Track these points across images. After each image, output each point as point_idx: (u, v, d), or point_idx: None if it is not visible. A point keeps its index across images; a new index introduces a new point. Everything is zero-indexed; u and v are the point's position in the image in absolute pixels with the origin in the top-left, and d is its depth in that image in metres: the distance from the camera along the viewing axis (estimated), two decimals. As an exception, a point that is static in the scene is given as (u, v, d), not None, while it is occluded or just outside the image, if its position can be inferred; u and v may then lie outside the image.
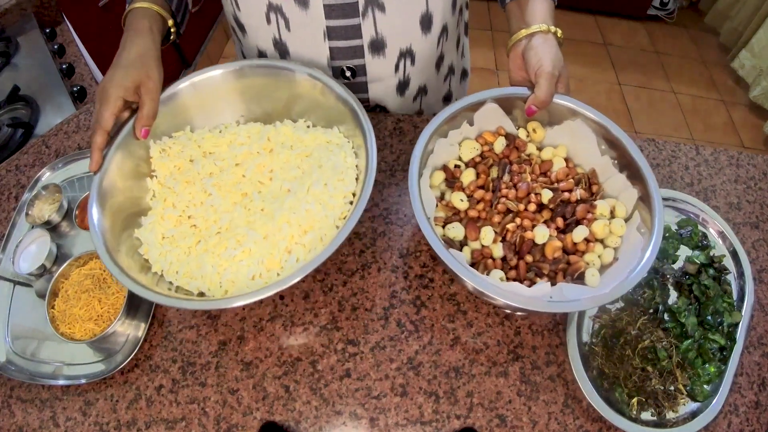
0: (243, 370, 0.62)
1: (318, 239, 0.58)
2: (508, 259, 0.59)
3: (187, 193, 0.63)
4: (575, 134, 0.65)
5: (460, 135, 0.67)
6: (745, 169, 0.81)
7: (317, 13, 0.67)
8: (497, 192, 0.62)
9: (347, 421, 0.59)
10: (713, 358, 0.60)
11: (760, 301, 0.68)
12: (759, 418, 0.60)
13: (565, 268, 0.58)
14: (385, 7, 0.68)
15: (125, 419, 0.59)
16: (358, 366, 0.62)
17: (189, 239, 0.60)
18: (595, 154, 0.64)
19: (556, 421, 0.59)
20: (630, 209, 0.61)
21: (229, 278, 0.57)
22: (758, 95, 2.20)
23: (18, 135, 0.94)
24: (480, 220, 0.62)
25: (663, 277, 0.66)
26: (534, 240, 0.59)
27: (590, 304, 0.53)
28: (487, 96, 0.65)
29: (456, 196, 0.62)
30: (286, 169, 0.65)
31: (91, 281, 0.66)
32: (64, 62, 1.05)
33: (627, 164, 0.62)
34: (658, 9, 2.56)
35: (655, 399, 0.58)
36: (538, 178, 0.64)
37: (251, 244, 0.57)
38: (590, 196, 0.63)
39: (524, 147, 0.67)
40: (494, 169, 0.65)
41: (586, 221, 0.60)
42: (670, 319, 0.64)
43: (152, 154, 0.65)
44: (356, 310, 0.65)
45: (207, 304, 0.54)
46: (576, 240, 0.59)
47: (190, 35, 2.10)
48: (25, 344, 0.64)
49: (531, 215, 0.61)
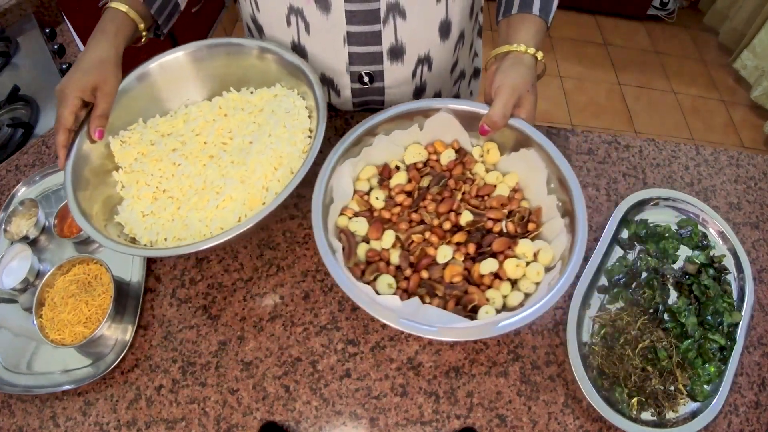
0: (243, 370, 0.62)
1: (289, 172, 0.63)
2: (403, 268, 0.57)
3: (156, 170, 0.66)
4: (528, 165, 0.63)
5: (408, 137, 0.66)
6: (745, 169, 0.81)
7: (338, 18, 0.67)
8: (419, 201, 0.62)
9: (347, 421, 0.59)
10: (713, 358, 0.60)
11: (760, 301, 0.68)
12: (759, 418, 0.60)
13: (460, 296, 0.56)
14: (406, 14, 0.67)
15: (125, 419, 0.59)
16: (358, 366, 0.62)
17: (169, 208, 0.63)
18: (542, 191, 0.61)
19: (556, 421, 0.59)
20: (557, 258, 0.56)
21: (217, 225, 0.60)
22: (759, 95, 2.20)
23: (18, 135, 0.94)
24: (391, 223, 0.61)
25: (663, 277, 0.66)
26: (435, 258, 0.57)
27: (437, 334, 0.50)
28: (441, 105, 0.64)
29: (374, 193, 0.62)
30: (243, 126, 0.69)
31: (76, 286, 0.65)
32: (64, 62, 1.05)
33: (569, 211, 0.57)
34: (658, 9, 2.56)
35: (655, 399, 0.58)
36: (471, 199, 0.62)
37: (230, 191, 0.61)
38: (522, 233, 0.60)
39: (471, 165, 0.65)
40: (427, 178, 0.64)
41: (503, 256, 0.58)
42: (670, 319, 0.64)
43: (113, 148, 0.67)
44: (356, 310, 0.65)
45: (202, 244, 0.55)
46: (482, 272, 0.56)
47: (190, 35, 2.10)
48: (18, 359, 0.64)
49: (441, 232, 0.59)
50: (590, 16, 2.62)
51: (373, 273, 0.57)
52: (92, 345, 0.63)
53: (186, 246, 0.55)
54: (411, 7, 0.67)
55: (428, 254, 0.58)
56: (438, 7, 0.69)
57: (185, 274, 0.69)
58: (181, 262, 0.70)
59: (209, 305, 0.66)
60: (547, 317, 0.65)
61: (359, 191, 0.64)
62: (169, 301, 0.67)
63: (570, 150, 0.81)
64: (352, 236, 0.60)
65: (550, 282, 0.54)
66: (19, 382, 0.61)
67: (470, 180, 0.64)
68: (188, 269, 0.69)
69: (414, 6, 0.67)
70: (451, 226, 0.60)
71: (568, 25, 2.55)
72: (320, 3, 0.66)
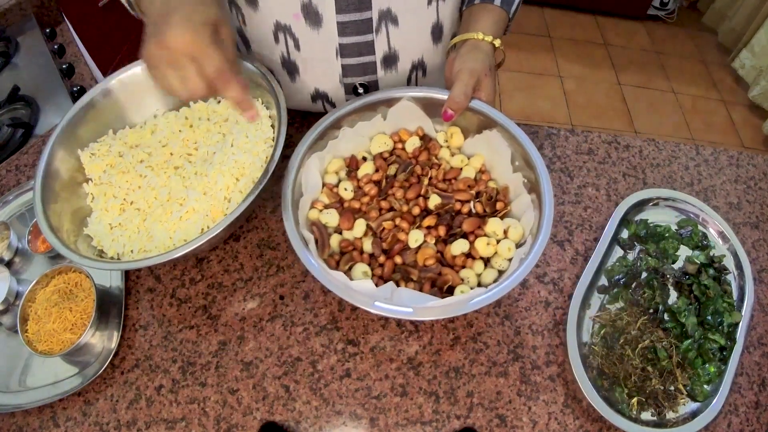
0: (243, 370, 0.62)
1: (250, 182, 0.63)
2: (376, 255, 0.58)
3: (124, 182, 0.66)
4: (492, 146, 0.64)
5: (372, 128, 0.67)
6: (745, 169, 0.81)
7: (330, 31, 0.66)
8: (387, 189, 0.62)
9: (347, 421, 0.59)
10: (713, 358, 0.60)
11: (760, 301, 0.68)
12: (759, 418, 0.60)
13: (434, 278, 0.57)
14: (398, 21, 0.67)
15: (125, 419, 0.59)
16: (358, 366, 0.62)
17: (135, 219, 0.63)
18: (507, 170, 0.62)
19: (556, 421, 0.59)
20: (527, 233, 0.58)
21: (180, 237, 0.60)
22: (757, 95, 2.20)
23: (18, 135, 0.94)
24: (361, 213, 0.62)
25: (663, 277, 0.66)
26: (407, 243, 0.58)
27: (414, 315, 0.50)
28: (403, 93, 0.65)
29: (343, 185, 0.63)
30: (208, 136, 0.69)
31: (58, 295, 0.65)
32: (64, 62, 1.05)
33: (534, 187, 0.59)
34: (658, 9, 2.57)
35: (655, 399, 0.58)
36: (439, 183, 0.63)
37: (193, 203, 0.62)
38: (491, 212, 0.61)
39: (437, 150, 0.66)
40: (393, 166, 0.64)
41: (473, 236, 0.59)
42: (670, 319, 0.64)
43: (83, 161, 0.67)
44: (356, 310, 0.65)
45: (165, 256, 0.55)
46: (454, 253, 0.57)
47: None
48: (8, 380, 0.63)
49: (411, 217, 0.60)
50: (590, 16, 2.63)
51: (347, 263, 0.58)
52: (82, 349, 0.63)
53: (151, 258, 0.55)
54: (403, 13, 0.67)
55: (400, 240, 0.59)
56: (429, 11, 0.68)
57: (185, 274, 0.69)
58: (181, 262, 0.70)
59: (209, 305, 0.66)
60: (547, 317, 0.65)
61: (328, 184, 0.65)
62: (169, 301, 0.67)
63: (570, 150, 0.81)
64: (324, 228, 0.60)
65: (521, 257, 0.54)
66: (10, 401, 0.61)
67: (436, 165, 0.65)
68: (188, 269, 0.69)
69: (406, 11, 0.67)
70: (420, 210, 0.61)
71: (568, 25, 2.55)
72: (310, 18, 0.65)
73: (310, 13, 0.64)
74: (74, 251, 0.57)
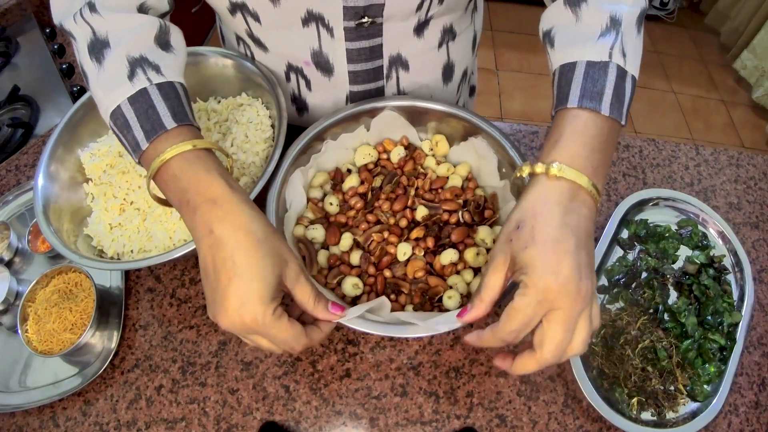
0: (243, 370, 0.62)
1: (251, 182, 0.63)
2: (365, 269, 0.57)
3: (123, 182, 0.66)
4: (479, 153, 0.63)
5: (356, 139, 0.66)
6: (745, 169, 0.81)
7: (341, 79, 0.65)
8: (373, 201, 0.61)
9: (347, 421, 0.59)
10: (713, 358, 0.60)
11: (760, 301, 0.68)
12: (759, 418, 0.60)
13: (425, 289, 0.56)
14: (408, 66, 0.66)
15: (125, 419, 0.59)
16: (358, 366, 0.62)
17: (135, 219, 0.63)
18: (494, 177, 0.61)
19: (556, 421, 0.59)
20: None
21: (180, 237, 0.61)
22: (761, 96, 2.20)
23: (18, 135, 0.94)
24: (348, 227, 0.60)
25: (663, 277, 0.66)
26: (396, 256, 0.57)
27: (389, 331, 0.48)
28: (385, 104, 0.64)
29: (328, 199, 0.62)
30: (207, 135, 0.69)
31: (57, 295, 0.65)
32: (64, 62, 1.05)
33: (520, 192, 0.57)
34: (658, 9, 2.57)
35: (655, 399, 0.58)
36: (425, 194, 0.62)
37: None
38: (480, 221, 0.60)
39: (422, 159, 0.65)
40: (379, 178, 0.63)
41: (462, 245, 0.58)
42: (670, 319, 0.64)
43: (83, 161, 0.67)
44: (356, 310, 0.65)
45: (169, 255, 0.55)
46: (443, 262, 0.56)
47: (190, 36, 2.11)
48: (8, 380, 0.63)
49: (398, 230, 0.59)
50: (590, 16, 2.62)
51: (336, 277, 0.57)
52: (82, 349, 0.63)
53: (152, 258, 0.55)
54: (413, 58, 0.65)
55: (389, 253, 0.58)
56: (440, 53, 0.67)
57: (185, 274, 0.69)
58: (181, 262, 0.70)
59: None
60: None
61: (313, 198, 0.63)
62: (169, 301, 0.67)
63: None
64: (311, 244, 0.59)
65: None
66: (10, 401, 0.61)
67: (422, 174, 0.64)
68: (188, 269, 0.69)
69: (416, 56, 0.65)
70: (408, 222, 0.60)
71: (568, 25, 2.55)
72: (321, 66, 0.64)
73: (321, 62, 0.63)
74: (74, 251, 0.57)
